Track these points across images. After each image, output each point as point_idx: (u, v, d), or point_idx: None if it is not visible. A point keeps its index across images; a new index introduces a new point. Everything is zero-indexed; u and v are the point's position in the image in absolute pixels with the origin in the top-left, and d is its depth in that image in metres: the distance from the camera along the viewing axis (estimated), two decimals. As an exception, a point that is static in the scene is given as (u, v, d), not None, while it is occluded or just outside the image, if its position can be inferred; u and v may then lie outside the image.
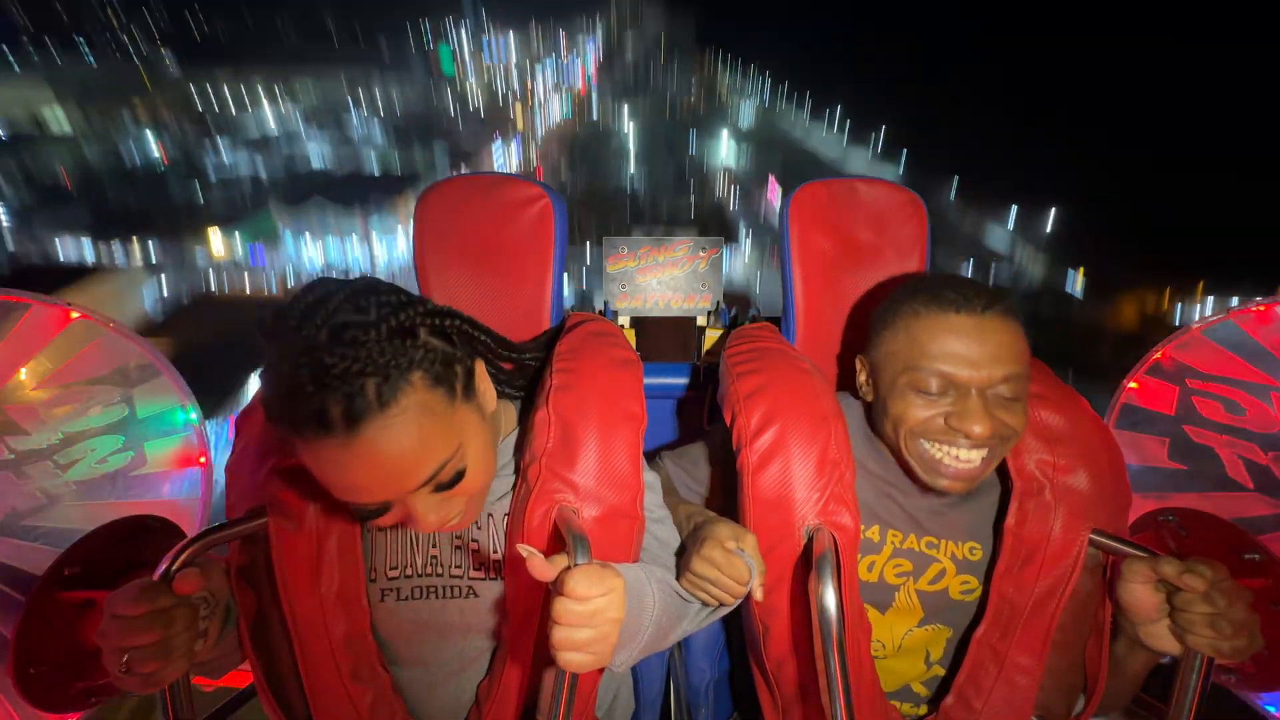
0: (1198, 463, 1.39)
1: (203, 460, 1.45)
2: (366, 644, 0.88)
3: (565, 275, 1.22)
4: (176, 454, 1.42)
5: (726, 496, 1.02)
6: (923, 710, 1.02)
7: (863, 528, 1.00)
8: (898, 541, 1.02)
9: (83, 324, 1.32)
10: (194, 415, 1.44)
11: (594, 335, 1.05)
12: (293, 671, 0.88)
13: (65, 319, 1.30)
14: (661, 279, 1.57)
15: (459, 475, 0.73)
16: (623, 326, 1.51)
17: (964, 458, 0.90)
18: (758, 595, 0.85)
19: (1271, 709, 1.21)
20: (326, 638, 0.86)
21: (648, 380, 1.02)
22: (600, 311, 1.52)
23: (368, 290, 0.69)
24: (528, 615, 0.85)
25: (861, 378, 1.03)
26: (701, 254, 1.57)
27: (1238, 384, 1.36)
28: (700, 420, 1.47)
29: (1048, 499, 0.93)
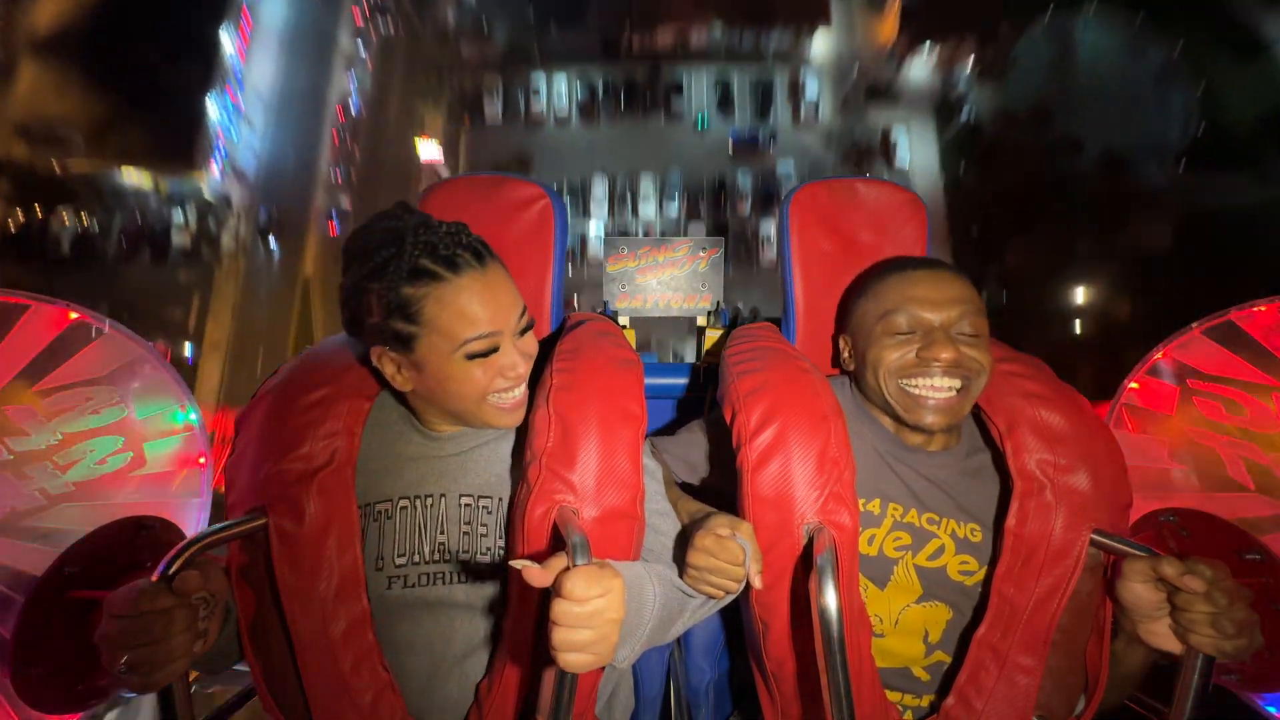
0: (1198, 463, 1.39)
1: (202, 460, 1.45)
2: (366, 643, 0.88)
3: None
4: (176, 454, 1.42)
5: (725, 477, 1.03)
6: (924, 701, 1.02)
7: (863, 500, 1.02)
8: (898, 515, 1.02)
9: (82, 324, 1.32)
10: (193, 415, 1.44)
11: (595, 335, 1.05)
12: (292, 671, 0.88)
13: (64, 319, 1.30)
14: (661, 279, 1.57)
15: (531, 323, 0.94)
16: (623, 327, 1.51)
17: (938, 384, 0.99)
18: (756, 582, 0.85)
19: (1271, 709, 1.21)
20: (326, 637, 0.86)
21: (648, 380, 1.02)
22: (599, 309, 1.52)
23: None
24: (526, 607, 0.86)
25: (845, 353, 1.13)
26: (701, 254, 1.57)
27: (1238, 384, 1.36)
28: (700, 420, 1.46)
29: (1048, 499, 0.93)
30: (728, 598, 0.93)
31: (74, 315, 1.30)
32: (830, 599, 0.78)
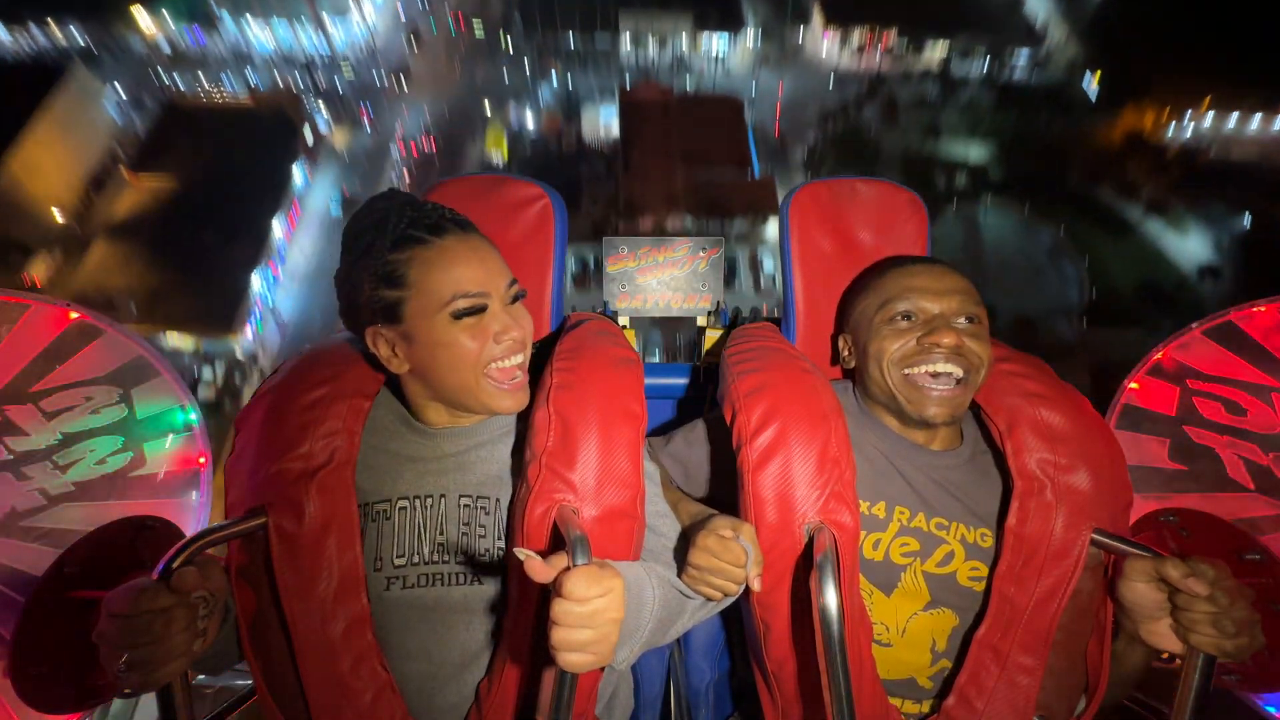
0: (1198, 463, 1.39)
1: (202, 460, 1.45)
2: (366, 643, 0.88)
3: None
4: (176, 454, 1.42)
5: (720, 481, 1.02)
6: (926, 708, 1.01)
7: (867, 504, 1.01)
8: (904, 519, 1.02)
9: (82, 324, 1.31)
10: (193, 416, 1.44)
11: (595, 334, 1.05)
12: (292, 671, 0.88)
13: (64, 319, 1.30)
14: (661, 279, 1.57)
15: (523, 293, 0.96)
16: (623, 327, 1.50)
17: (940, 370, 0.99)
18: (755, 585, 0.85)
19: (1271, 709, 1.21)
20: (325, 637, 0.86)
21: (648, 380, 1.02)
22: (599, 309, 1.51)
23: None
24: (526, 607, 0.86)
25: (845, 351, 1.14)
26: (701, 254, 1.56)
27: (1238, 384, 1.36)
28: (700, 420, 1.47)
29: (1049, 498, 0.93)
30: (726, 600, 0.93)
31: (74, 315, 1.30)
32: (831, 599, 0.78)
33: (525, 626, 0.86)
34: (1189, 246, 23.02)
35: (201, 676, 1.24)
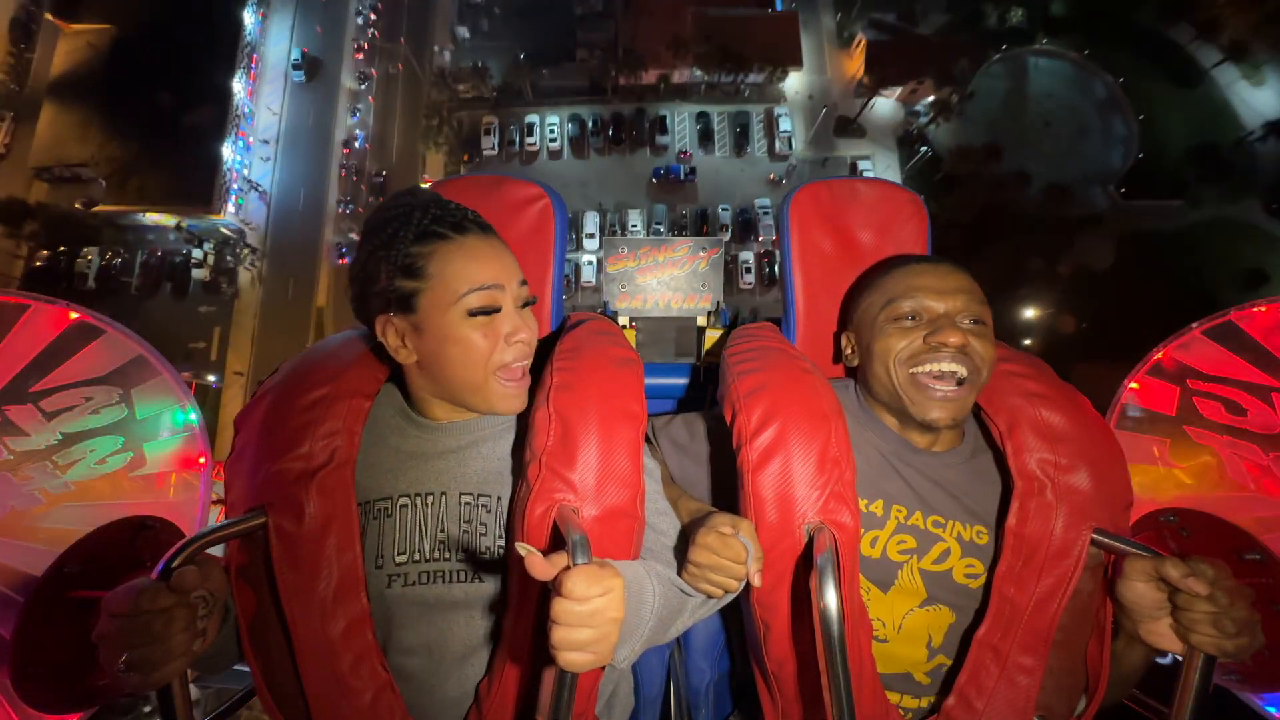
0: (1198, 463, 1.39)
1: (202, 460, 1.45)
2: (365, 642, 0.88)
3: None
4: (175, 454, 1.42)
5: (724, 478, 1.02)
6: (924, 702, 1.01)
7: (865, 502, 1.02)
8: (901, 517, 1.02)
9: (82, 324, 1.31)
10: (193, 415, 1.43)
11: (594, 334, 1.05)
12: (292, 671, 0.88)
13: (64, 319, 1.30)
14: (661, 279, 1.57)
15: (533, 299, 0.97)
16: (623, 327, 1.51)
17: (945, 369, 0.99)
18: (756, 581, 0.85)
19: (1271, 709, 1.21)
20: (325, 637, 0.86)
21: (648, 380, 1.02)
22: (599, 309, 1.51)
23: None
24: (526, 606, 0.86)
25: (848, 349, 1.14)
26: (701, 254, 1.57)
27: (1238, 384, 1.36)
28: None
29: (1049, 498, 0.93)
30: (726, 598, 0.93)
31: (74, 315, 1.30)
32: (831, 599, 0.78)
33: (525, 625, 0.86)
34: (1261, 98, 20.30)
35: (201, 676, 1.24)
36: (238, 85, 21.26)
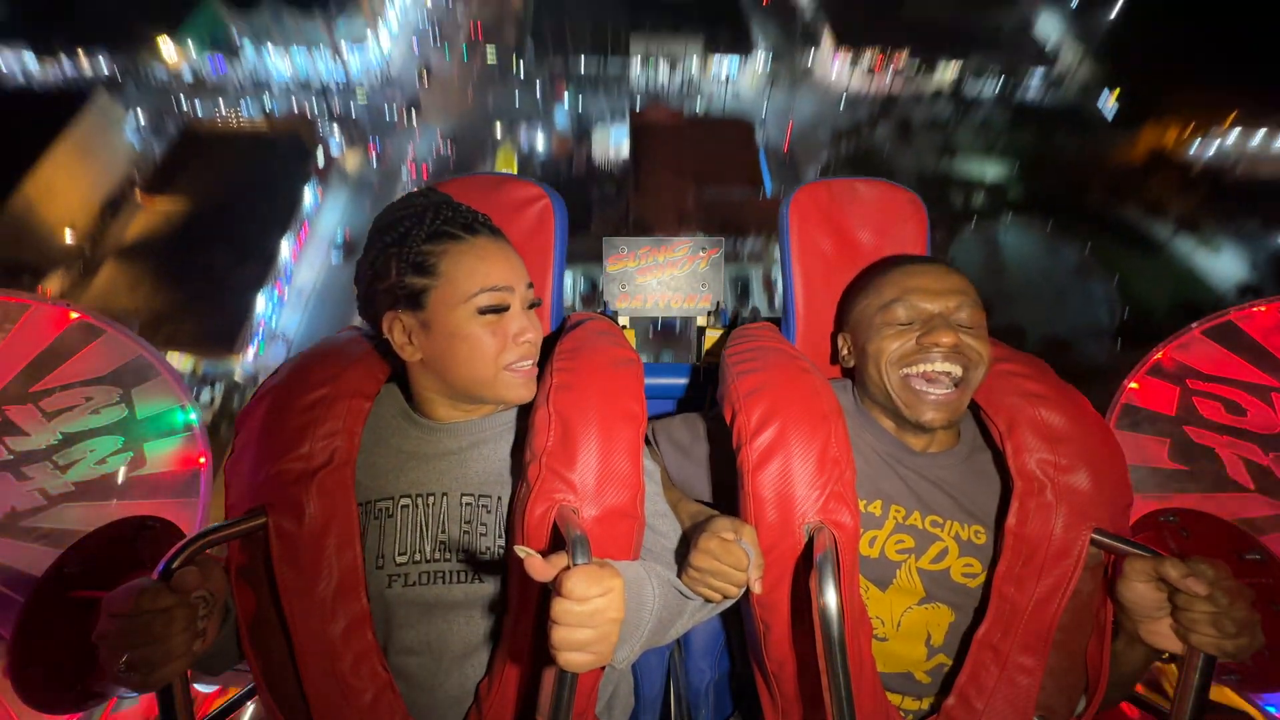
0: (1198, 463, 1.39)
1: (202, 460, 1.45)
2: (365, 642, 0.88)
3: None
4: (176, 454, 1.42)
5: (724, 478, 1.02)
6: (924, 704, 1.01)
7: (864, 502, 1.02)
8: (900, 517, 1.02)
9: (82, 324, 1.31)
10: (193, 415, 1.44)
11: (594, 334, 1.05)
12: (292, 671, 0.88)
13: (65, 319, 1.30)
14: (661, 279, 1.57)
15: (538, 302, 0.99)
16: (623, 327, 1.50)
17: (940, 369, 0.99)
18: (756, 588, 0.85)
19: (1271, 709, 1.21)
20: (325, 637, 0.86)
21: (648, 380, 1.02)
22: (599, 309, 1.51)
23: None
24: (526, 606, 0.86)
25: (844, 350, 1.13)
26: (701, 254, 1.56)
27: (1238, 384, 1.36)
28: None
29: (1049, 498, 0.93)
30: (726, 602, 0.93)
31: (74, 315, 1.30)
32: (831, 598, 0.78)
33: (525, 626, 0.86)
34: (1222, 265, 22.48)
35: (201, 676, 1.24)
36: (285, 245, 23.28)
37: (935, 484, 1.03)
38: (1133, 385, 1.44)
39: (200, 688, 1.29)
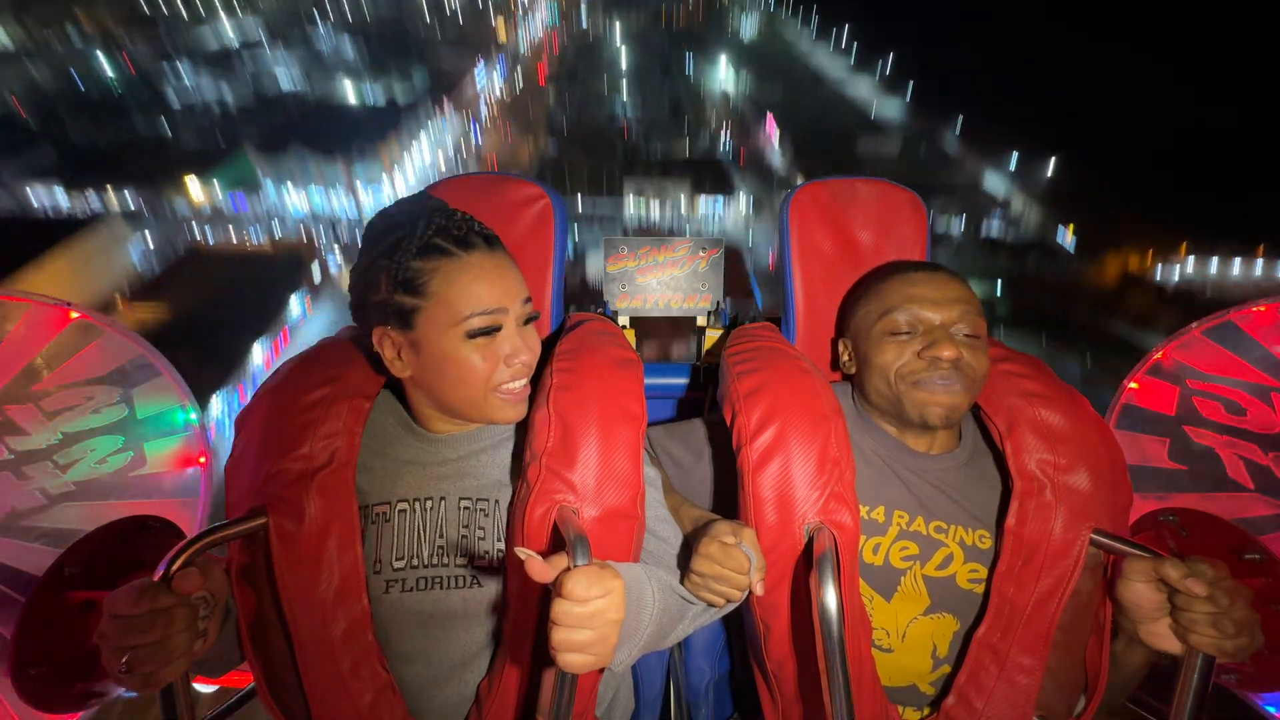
0: (1198, 463, 1.39)
1: (203, 460, 1.44)
2: (366, 643, 0.88)
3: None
4: (176, 454, 1.42)
5: (724, 479, 1.02)
6: (925, 711, 1.01)
7: (867, 508, 1.01)
8: (904, 523, 1.02)
9: (82, 324, 1.31)
10: (194, 415, 1.43)
11: (594, 334, 1.05)
12: (292, 671, 0.88)
13: (65, 319, 1.30)
14: (661, 279, 1.56)
15: (536, 315, 0.95)
16: (623, 327, 1.50)
17: (941, 382, 0.99)
18: (758, 590, 0.85)
19: (1271, 709, 1.21)
20: (326, 637, 0.86)
21: (648, 380, 1.02)
22: (599, 309, 1.51)
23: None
24: (527, 608, 0.86)
25: (845, 356, 1.13)
26: (701, 254, 1.56)
27: (1238, 384, 1.36)
28: (700, 420, 1.47)
29: (1048, 499, 0.93)
30: (728, 606, 0.93)
31: (74, 315, 1.30)
32: (830, 598, 0.78)
33: (525, 627, 0.86)
34: None
35: (202, 677, 1.24)
36: (258, 350, 23.47)
37: (938, 488, 1.03)
38: (1132, 385, 1.43)
39: (200, 688, 1.29)
